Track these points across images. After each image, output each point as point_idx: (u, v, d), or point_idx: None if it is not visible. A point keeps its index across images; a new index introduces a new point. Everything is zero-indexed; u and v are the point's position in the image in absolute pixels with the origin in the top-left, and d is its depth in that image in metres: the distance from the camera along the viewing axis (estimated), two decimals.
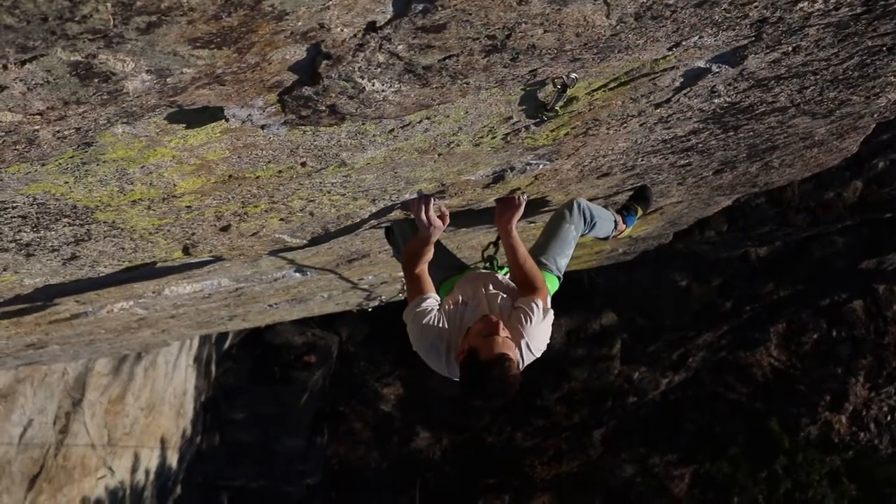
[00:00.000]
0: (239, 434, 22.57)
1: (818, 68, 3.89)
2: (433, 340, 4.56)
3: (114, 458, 16.76)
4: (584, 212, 5.43)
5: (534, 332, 4.56)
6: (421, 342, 4.61)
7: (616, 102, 3.75)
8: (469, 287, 4.85)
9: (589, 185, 5.69)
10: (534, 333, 4.56)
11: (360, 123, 3.05)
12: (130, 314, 7.50)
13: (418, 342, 4.63)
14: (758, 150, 5.75)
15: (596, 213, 5.54)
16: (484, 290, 4.78)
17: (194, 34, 1.96)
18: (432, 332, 4.56)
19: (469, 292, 4.79)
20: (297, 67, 2.40)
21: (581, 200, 5.48)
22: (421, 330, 4.58)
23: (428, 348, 4.59)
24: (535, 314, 4.57)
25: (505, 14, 2.32)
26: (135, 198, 3.35)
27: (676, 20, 2.71)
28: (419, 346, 4.63)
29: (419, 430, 24.54)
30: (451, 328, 4.58)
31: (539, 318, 4.59)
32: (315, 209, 4.39)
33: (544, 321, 4.64)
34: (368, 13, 2.17)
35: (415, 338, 4.64)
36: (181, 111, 2.51)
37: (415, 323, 4.61)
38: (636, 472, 24.05)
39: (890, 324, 23.28)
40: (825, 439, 22.77)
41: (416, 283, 4.77)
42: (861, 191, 17.55)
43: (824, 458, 22.42)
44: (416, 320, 4.60)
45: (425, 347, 4.60)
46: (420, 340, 4.61)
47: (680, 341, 23.40)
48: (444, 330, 4.56)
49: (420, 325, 4.57)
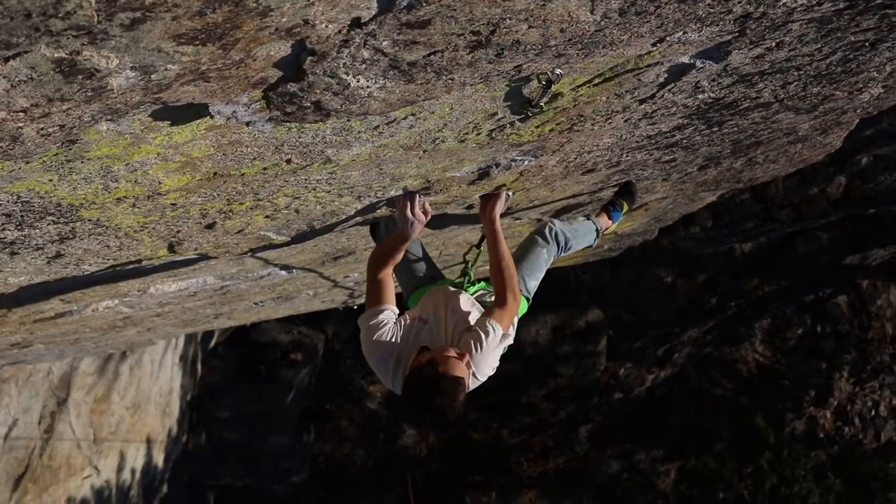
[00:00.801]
0: (225, 432, 22.52)
1: (801, 64, 3.91)
2: (383, 354, 4.56)
3: (99, 457, 16.71)
4: (556, 236, 5.45)
5: (483, 358, 4.53)
6: (371, 353, 4.62)
7: (601, 98, 3.76)
8: (431, 304, 4.83)
9: (574, 182, 5.70)
10: (482, 360, 4.53)
11: (345, 120, 3.05)
12: (115, 313, 7.48)
13: (368, 353, 4.64)
14: (742, 146, 5.77)
15: (570, 234, 5.55)
16: (444, 310, 4.76)
17: (179, 30, 1.96)
18: (382, 347, 4.56)
19: (430, 310, 4.77)
20: (281, 64, 2.39)
21: (555, 223, 5.50)
22: (372, 343, 4.57)
23: (377, 360, 4.60)
24: (489, 339, 4.53)
25: (489, 10, 2.33)
26: (119, 195, 3.34)
27: (660, 16, 2.72)
28: (369, 356, 4.64)
29: (405, 428, 24.54)
30: (402, 344, 4.57)
31: (493, 345, 4.55)
32: (300, 206, 4.39)
33: (497, 347, 4.62)
34: (353, 9, 2.17)
35: (366, 348, 4.64)
36: (166, 108, 2.51)
37: (367, 334, 4.61)
38: (622, 468, 24.10)
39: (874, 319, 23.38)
40: (810, 434, 22.85)
41: (377, 290, 4.73)
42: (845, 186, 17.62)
43: (809, 453, 22.49)
44: (369, 333, 4.59)
45: (374, 358, 4.61)
46: (371, 352, 4.62)
47: (665, 337, 23.45)
48: (396, 345, 4.55)
49: (372, 339, 4.57)
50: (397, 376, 4.52)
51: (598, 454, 24.30)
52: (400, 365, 4.51)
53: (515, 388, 24.08)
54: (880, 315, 23.54)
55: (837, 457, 22.50)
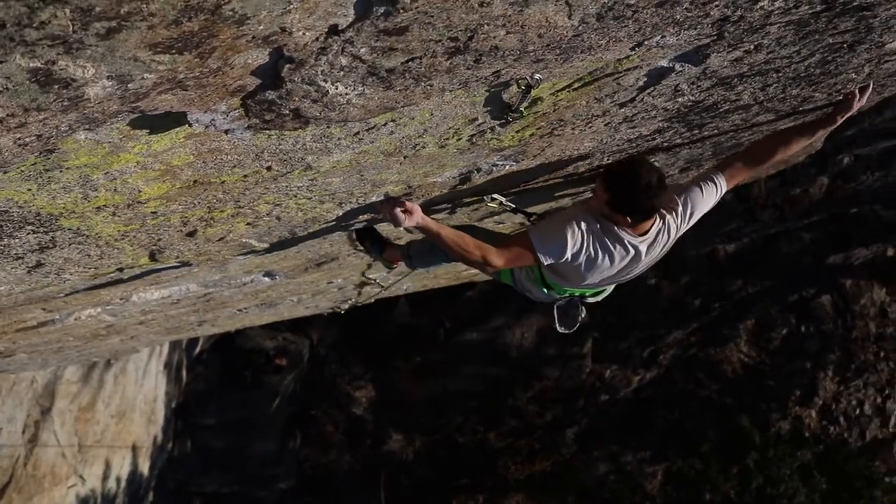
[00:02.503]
0: (211, 439, 22.48)
1: (780, 66, 3.92)
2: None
3: (84, 465, 16.65)
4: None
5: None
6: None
7: (580, 102, 3.77)
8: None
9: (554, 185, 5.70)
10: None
11: (325, 127, 3.04)
12: (98, 321, 7.45)
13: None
14: (723, 148, 5.79)
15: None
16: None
17: (155, 39, 1.95)
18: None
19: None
20: (259, 71, 2.39)
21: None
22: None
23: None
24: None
25: (467, 16, 2.33)
26: (99, 204, 3.32)
27: (638, 20, 2.72)
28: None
29: (391, 433, 24.53)
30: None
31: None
32: (282, 213, 4.38)
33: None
34: (330, 16, 2.17)
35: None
36: (144, 117, 2.50)
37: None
38: (609, 470, 24.13)
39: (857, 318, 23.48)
40: (796, 434, 22.93)
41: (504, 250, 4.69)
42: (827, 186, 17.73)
43: (795, 452, 22.57)
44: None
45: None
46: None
47: (650, 339, 23.51)
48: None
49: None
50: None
51: (585, 456, 24.34)
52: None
53: (501, 391, 24.13)
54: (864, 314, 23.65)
55: (823, 456, 22.58)
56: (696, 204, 4.73)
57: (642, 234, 4.61)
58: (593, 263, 4.62)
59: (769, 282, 22.72)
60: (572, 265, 4.65)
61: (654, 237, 4.66)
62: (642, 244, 4.64)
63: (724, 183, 4.77)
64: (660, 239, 4.69)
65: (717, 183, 4.75)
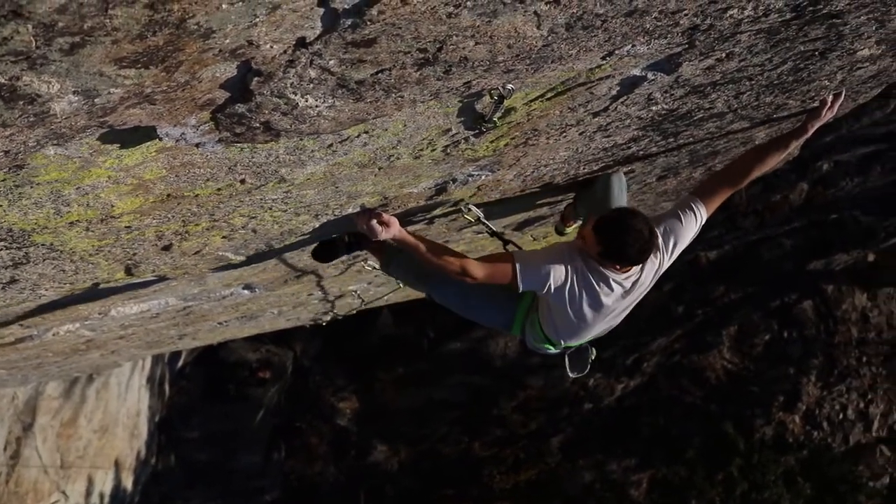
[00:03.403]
0: (195, 453, 22.39)
1: (753, 74, 3.94)
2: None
3: (67, 481, 16.56)
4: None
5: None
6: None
7: (554, 112, 3.77)
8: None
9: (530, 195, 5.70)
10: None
11: (298, 139, 3.04)
12: (77, 336, 7.42)
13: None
14: (699, 156, 5.81)
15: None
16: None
17: (120, 54, 1.94)
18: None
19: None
20: (228, 85, 2.38)
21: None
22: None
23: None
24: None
25: (435, 27, 2.32)
26: (72, 219, 3.31)
27: (607, 30, 2.73)
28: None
29: (376, 444, 24.47)
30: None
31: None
32: (257, 226, 4.37)
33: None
34: (297, 29, 2.16)
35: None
36: (113, 131, 2.49)
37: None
38: (594, 478, 24.12)
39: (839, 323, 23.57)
40: (779, 439, 22.98)
41: (487, 267, 4.67)
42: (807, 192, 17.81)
43: (779, 458, 22.61)
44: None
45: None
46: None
47: (634, 347, 23.54)
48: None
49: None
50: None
51: (570, 465, 24.33)
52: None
53: (485, 401, 24.11)
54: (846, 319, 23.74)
55: (807, 461, 22.64)
56: (677, 235, 4.73)
57: (626, 272, 4.62)
58: (578, 301, 4.62)
59: (751, 288, 22.79)
60: (557, 304, 4.65)
61: (639, 273, 4.67)
62: (627, 281, 4.65)
63: (703, 210, 4.77)
64: (645, 275, 4.70)
65: (697, 210, 4.75)
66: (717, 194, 4.85)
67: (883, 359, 23.68)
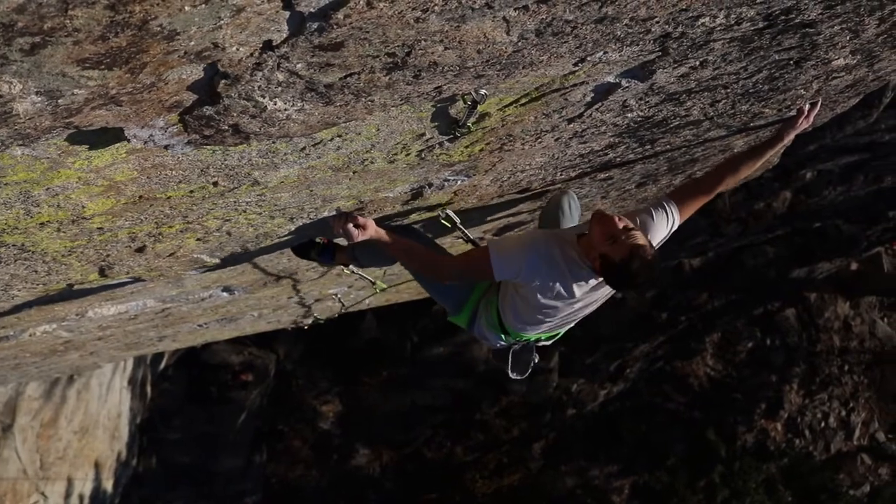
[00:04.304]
0: (176, 455, 22.30)
1: (728, 82, 3.95)
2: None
3: (47, 483, 16.47)
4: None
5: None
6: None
7: (529, 118, 3.77)
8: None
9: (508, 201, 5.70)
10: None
11: (270, 142, 3.03)
12: (55, 337, 7.38)
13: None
14: (678, 164, 5.81)
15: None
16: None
17: (82, 55, 1.93)
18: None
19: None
20: (195, 87, 2.37)
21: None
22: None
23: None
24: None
25: (403, 32, 2.32)
26: (43, 220, 3.29)
27: (578, 36, 2.72)
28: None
29: (358, 447, 24.45)
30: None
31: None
32: (232, 228, 4.35)
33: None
34: (263, 32, 2.15)
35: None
36: (81, 132, 2.47)
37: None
38: (576, 484, 24.17)
39: (822, 331, 23.69)
40: (761, 447, 23.08)
41: (465, 261, 4.75)
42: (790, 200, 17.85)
43: (760, 465, 22.70)
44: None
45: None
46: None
47: (617, 352, 23.58)
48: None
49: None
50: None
51: (552, 470, 24.37)
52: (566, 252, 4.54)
53: (468, 406, 24.11)
54: (828, 327, 23.86)
55: (788, 469, 22.74)
56: (648, 231, 4.67)
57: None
58: (549, 289, 4.58)
59: (735, 295, 22.86)
60: (527, 290, 4.62)
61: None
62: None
63: (676, 213, 4.76)
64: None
65: (669, 210, 4.73)
66: (691, 200, 4.85)
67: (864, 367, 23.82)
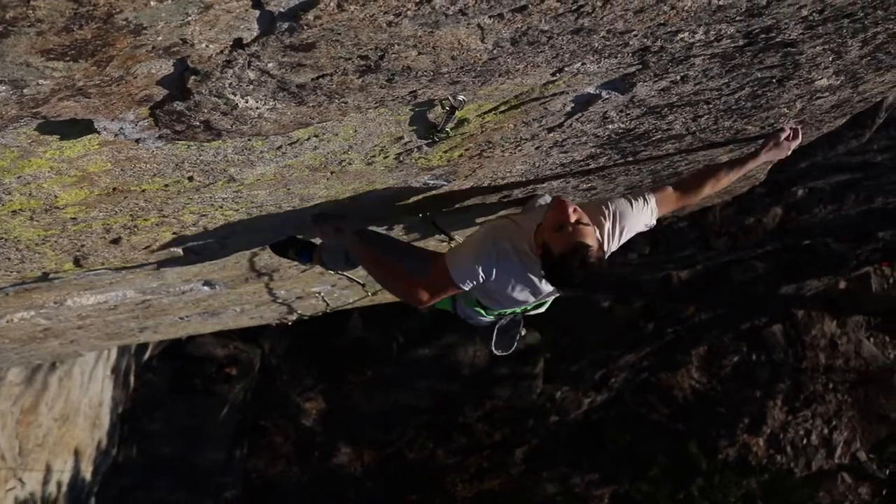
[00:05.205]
0: (158, 446, 22.24)
1: (710, 98, 3.94)
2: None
3: (24, 469, 16.41)
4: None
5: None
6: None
7: (508, 126, 3.76)
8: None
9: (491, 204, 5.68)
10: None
11: (246, 139, 3.02)
12: (33, 324, 7.35)
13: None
14: (661, 176, 5.80)
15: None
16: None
17: (46, 46, 1.92)
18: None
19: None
20: (165, 82, 2.36)
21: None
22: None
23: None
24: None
25: (375, 35, 2.30)
26: (14, 208, 3.28)
27: (554, 46, 2.71)
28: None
29: (340, 446, 24.42)
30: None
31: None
32: (208, 224, 4.34)
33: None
34: (233, 30, 2.14)
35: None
36: (51, 122, 2.46)
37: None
38: (557, 490, 24.17)
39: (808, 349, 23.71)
40: (742, 462, 23.09)
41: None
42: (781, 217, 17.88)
43: (741, 480, 22.73)
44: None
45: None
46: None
47: (603, 361, 23.59)
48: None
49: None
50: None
51: (534, 476, 24.37)
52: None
53: (452, 408, 24.10)
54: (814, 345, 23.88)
55: (768, 485, 22.76)
56: (626, 219, 4.62)
57: None
58: (512, 284, 4.56)
59: (722, 309, 22.88)
60: (494, 286, 4.60)
61: None
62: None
63: (654, 204, 4.72)
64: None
65: (649, 201, 4.68)
66: (670, 199, 4.81)
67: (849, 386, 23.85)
